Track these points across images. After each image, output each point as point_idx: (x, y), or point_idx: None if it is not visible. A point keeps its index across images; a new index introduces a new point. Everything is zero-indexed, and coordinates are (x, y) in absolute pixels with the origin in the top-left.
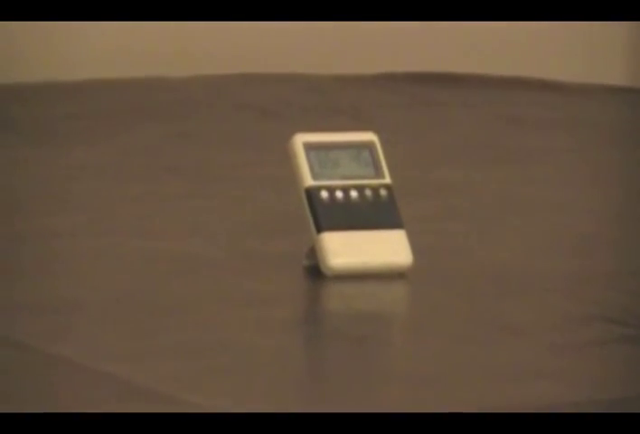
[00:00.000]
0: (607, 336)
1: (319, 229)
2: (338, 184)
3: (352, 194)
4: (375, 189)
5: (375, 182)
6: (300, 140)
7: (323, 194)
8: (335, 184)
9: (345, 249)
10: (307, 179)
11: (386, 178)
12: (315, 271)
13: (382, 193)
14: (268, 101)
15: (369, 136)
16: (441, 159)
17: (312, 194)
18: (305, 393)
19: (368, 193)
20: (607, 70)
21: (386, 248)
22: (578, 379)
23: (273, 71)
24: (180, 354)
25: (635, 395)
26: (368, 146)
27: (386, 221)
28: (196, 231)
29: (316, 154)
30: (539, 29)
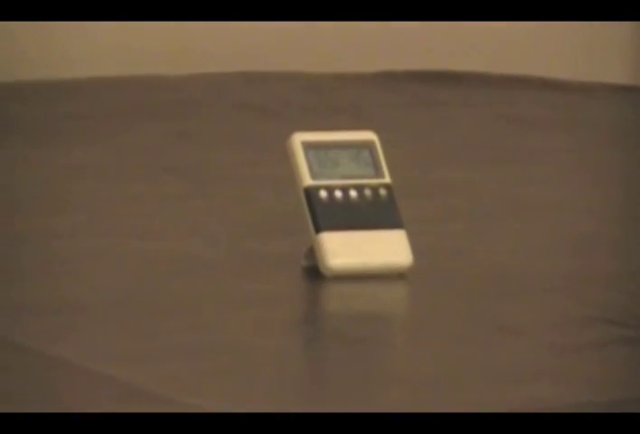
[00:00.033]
0: (606, 337)
1: (318, 229)
2: (337, 184)
3: (352, 194)
4: (375, 189)
5: (375, 181)
6: (299, 139)
7: (322, 194)
8: (334, 184)
9: (344, 249)
10: (306, 179)
11: (386, 178)
12: (314, 272)
13: (382, 192)
14: (267, 100)
15: (368, 136)
16: (441, 159)
17: (311, 194)
18: (305, 395)
19: (367, 192)
20: (610, 69)
21: (386, 248)
22: (578, 380)
23: (272, 70)
24: (179, 356)
25: (636, 397)
26: (368, 146)
27: (386, 221)
28: (195, 232)
29: (315, 153)
30: (540, 27)
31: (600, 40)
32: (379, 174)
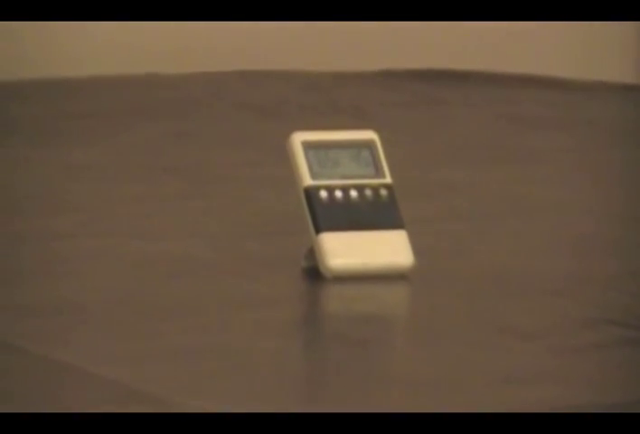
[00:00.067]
0: (608, 338)
1: (318, 229)
2: (337, 184)
3: (352, 194)
4: (375, 189)
5: (375, 181)
6: (299, 139)
7: (322, 194)
8: (335, 184)
9: (345, 249)
10: (306, 179)
11: (387, 178)
12: (314, 273)
13: (383, 192)
14: (267, 99)
15: (369, 135)
16: (443, 159)
17: (311, 194)
18: (305, 397)
19: (368, 192)
20: (612, 68)
21: (387, 248)
22: (580, 382)
23: (272, 69)
24: (178, 357)
25: (638, 399)
26: (368, 145)
27: (386, 221)
28: (195, 232)
29: (315, 153)
30: (542, 26)
31: (602, 38)
32: (379, 173)
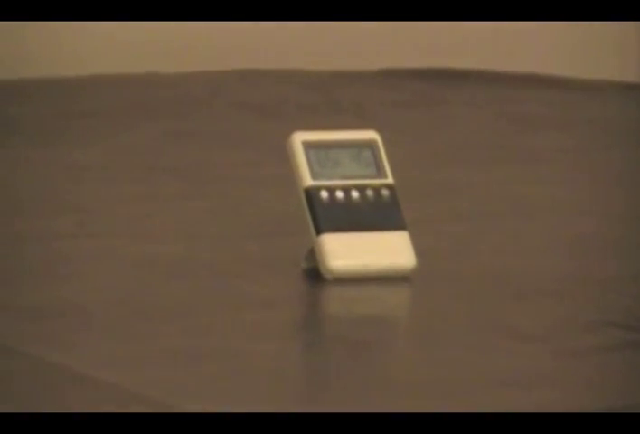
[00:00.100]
0: (609, 341)
1: (319, 230)
2: (338, 184)
3: (353, 195)
4: (377, 189)
5: (377, 182)
6: (299, 139)
7: (323, 195)
8: (336, 184)
9: (346, 251)
10: (307, 179)
11: (388, 178)
12: (315, 274)
13: (384, 193)
14: (266, 99)
15: (370, 135)
16: (444, 158)
17: (311, 195)
18: (306, 399)
19: (369, 193)
20: (615, 67)
21: (388, 250)
22: (582, 385)
23: (272, 68)
24: (178, 360)
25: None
26: (369, 145)
27: (388, 222)
28: (194, 233)
29: (316, 153)
30: (543, 25)
31: (603, 37)
32: (381, 174)
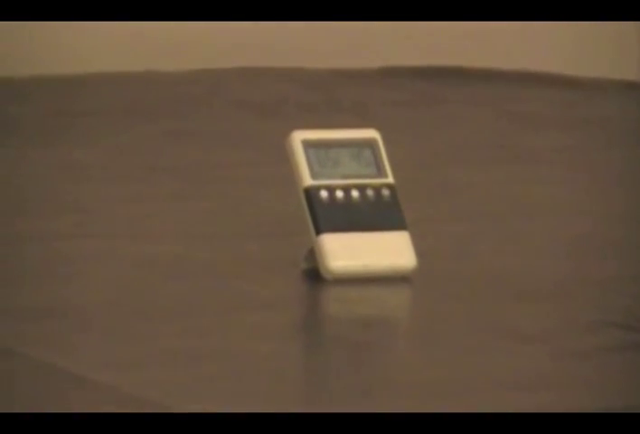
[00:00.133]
0: (610, 342)
1: (319, 230)
2: (338, 184)
3: (354, 194)
4: (377, 189)
5: (377, 181)
6: (299, 138)
7: (322, 194)
8: (336, 184)
9: (346, 251)
10: (306, 178)
11: (389, 178)
12: (315, 275)
13: (385, 193)
14: (266, 97)
15: (371, 134)
16: (446, 158)
17: (311, 194)
18: (305, 401)
19: (370, 193)
20: (622, 65)
21: (389, 250)
22: (583, 386)
23: (271, 66)
24: (175, 362)
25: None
26: (370, 144)
27: (389, 222)
28: (193, 233)
29: (316, 152)
30: (546, 23)
31: (605, 36)
32: (381, 173)
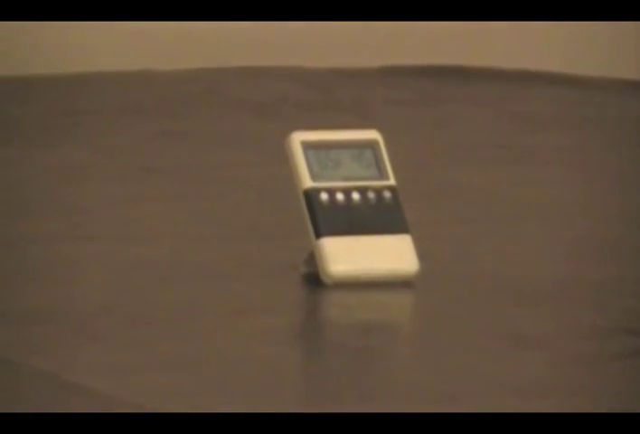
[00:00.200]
0: (615, 348)
1: (318, 233)
2: (339, 186)
3: (354, 197)
4: (379, 191)
5: (379, 183)
6: (298, 139)
7: (322, 197)
8: (336, 186)
9: (346, 255)
10: (306, 180)
11: (390, 179)
12: (314, 279)
13: (386, 195)
14: (264, 97)
15: (372, 135)
16: (447, 159)
17: (311, 197)
18: (304, 407)
19: (371, 195)
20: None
21: (390, 254)
22: (596, 394)
23: (270, 65)
24: (169, 368)
25: None
26: (371, 145)
27: (390, 225)
28: (189, 236)
29: (315, 153)
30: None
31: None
32: (383, 175)
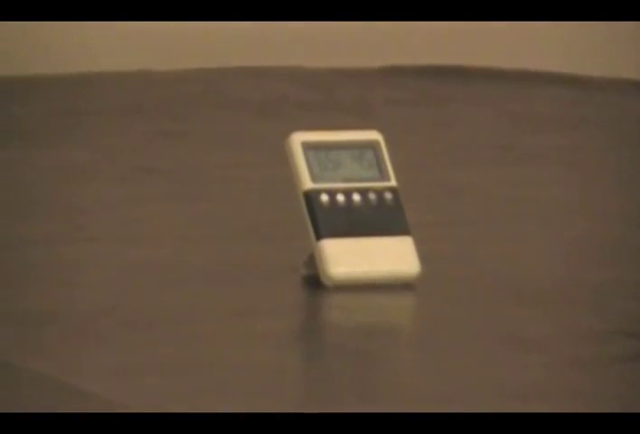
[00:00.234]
0: (615, 351)
1: (319, 235)
2: (339, 187)
3: (355, 198)
4: (379, 192)
5: (379, 184)
6: (298, 139)
7: (323, 198)
8: (336, 187)
9: (347, 257)
10: (306, 181)
11: (391, 180)
12: (315, 281)
13: (387, 196)
14: (264, 97)
15: (373, 135)
16: (449, 159)
17: (311, 198)
18: (304, 411)
19: (372, 196)
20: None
21: (391, 256)
22: (596, 398)
23: (270, 65)
24: (169, 371)
25: None
26: (372, 146)
27: (391, 226)
28: (187, 238)
29: (316, 154)
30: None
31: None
32: (384, 176)
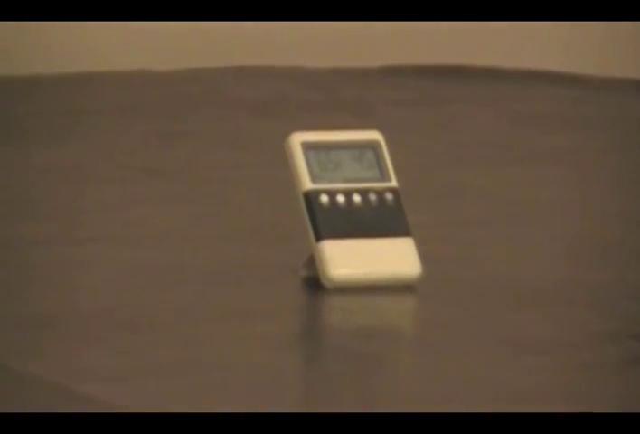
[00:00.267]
0: (619, 354)
1: (319, 236)
2: (339, 188)
3: (355, 199)
4: (380, 193)
5: (380, 185)
6: (298, 139)
7: (323, 199)
8: (336, 188)
9: (347, 258)
10: (306, 182)
11: (392, 181)
12: (314, 283)
13: (388, 197)
14: (264, 97)
15: (373, 135)
16: (450, 160)
17: (311, 199)
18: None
19: (372, 197)
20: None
21: (392, 257)
22: (597, 401)
23: (270, 64)
24: (169, 373)
25: None
26: (372, 146)
27: (392, 227)
28: (185, 239)
29: (316, 154)
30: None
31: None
32: (384, 176)
